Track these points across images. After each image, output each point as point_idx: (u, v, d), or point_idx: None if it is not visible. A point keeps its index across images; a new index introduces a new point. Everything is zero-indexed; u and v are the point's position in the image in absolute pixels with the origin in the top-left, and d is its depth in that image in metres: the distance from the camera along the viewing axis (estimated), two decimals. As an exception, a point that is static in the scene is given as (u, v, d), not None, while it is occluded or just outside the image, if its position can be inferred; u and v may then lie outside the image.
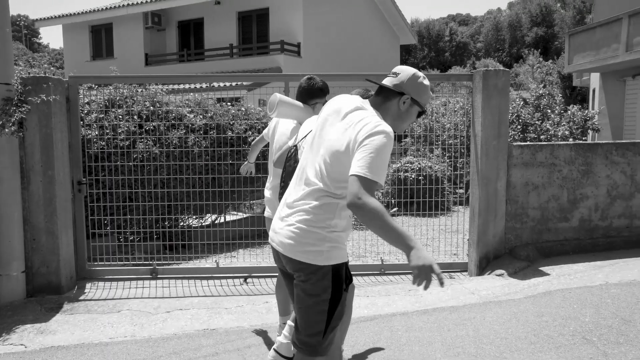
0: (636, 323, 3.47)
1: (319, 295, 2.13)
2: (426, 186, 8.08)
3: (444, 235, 6.58)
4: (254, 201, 8.42)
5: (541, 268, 4.85)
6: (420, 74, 2.24)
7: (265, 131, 3.51)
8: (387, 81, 2.23)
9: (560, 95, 21.63)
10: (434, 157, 10.33)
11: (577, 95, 30.69)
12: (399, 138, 13.31)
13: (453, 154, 8.68)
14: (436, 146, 10.71)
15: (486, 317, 3.72)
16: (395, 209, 9.06)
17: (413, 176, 9.30)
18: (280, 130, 3.25)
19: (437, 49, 62.80)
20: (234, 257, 5.76)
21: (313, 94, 3.18)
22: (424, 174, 9.28)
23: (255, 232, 6.60)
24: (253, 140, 7.31)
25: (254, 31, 17.38)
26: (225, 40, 17.36)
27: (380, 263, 5.36)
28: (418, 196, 8.24)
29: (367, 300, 4.25)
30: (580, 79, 20.83)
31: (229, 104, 6.95)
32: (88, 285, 4.70)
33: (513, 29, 62.93)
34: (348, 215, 2.17)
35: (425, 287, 1.86)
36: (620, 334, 3.31)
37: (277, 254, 2.27)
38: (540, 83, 21.75)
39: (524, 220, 5.19)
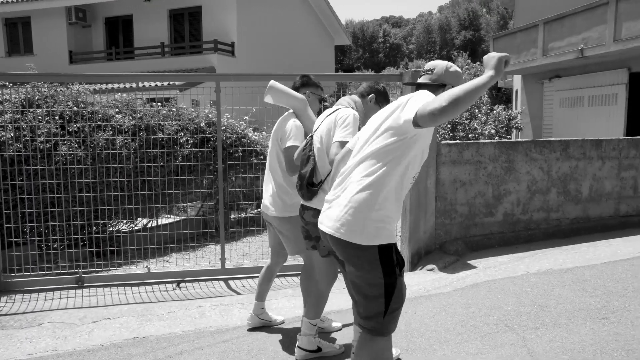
0: (551, 309, 3.69)
1: (371, 276, 2.19)
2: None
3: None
4: (187, 204, 8.23)
5: (469, 261, 5.05)
6: (451, 63, 2.47)
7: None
8: (426, 79, 2.44)
9: (487, 95, 22.63)
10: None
11: (502, 96, 32.21)
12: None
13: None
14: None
15: (417, 312, 3.82)
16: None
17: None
18: (275, 130, 3.46)
19: (371, 50, 64.01)
20: (167, 261, 5.61)
21: (305, 84, 3.46)
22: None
23: (188, 235, 6.46)
24: (185, 141, 7.15)
25: (186, 30, 17.01)
26: (156, 38, 16.88)
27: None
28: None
29: (301, 299, 4.24)
30: (505, 81, 21.88)
31: (159, 104, 6.76)
32: (3, 299, 4.40)
33: (443, 31, 65.19)
34: (396, 196, 2.22)
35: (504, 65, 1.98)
36: (538, 320, 3.50)
37: (327, 239, 2.34)
38: (468, 84, 22.63)
39: (453, 217, 5.39)
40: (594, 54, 11.75)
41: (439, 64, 2.47)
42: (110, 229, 6.38)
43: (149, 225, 6.71)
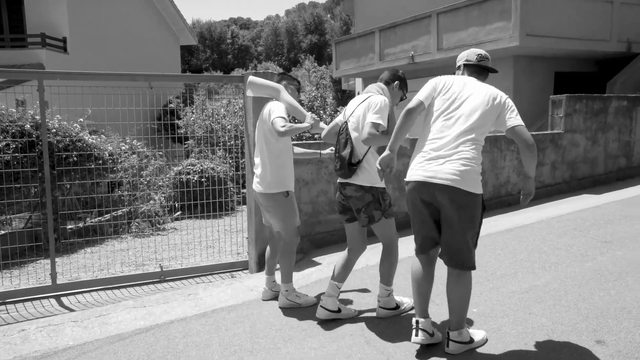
0: (388, 298, 3.97)
1: (478, 217, 2.89)
2: (209, 187, 8.04)
3: (229, 236, 6.64)
4: (12, 215, 7.35)
5: (314, 258, 5.22)
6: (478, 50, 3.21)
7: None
8: (487, 64, 3.16)
9: (332, 97, 23.63)
10: (217, 159, 10.35)
11: (347, 98, 34.00)
12: (184, 140, 13.00)
13: (234, 154, 8.82)
14: (219, 147, 10.76)
15: (263, 312, 3.84)
16: (179, 213, 8.83)
17: (195, 178, 9.18)
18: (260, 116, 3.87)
19: (219, 51, 63.11)
20: (-17, 283, 4.93)
21: (281, 79, 4.02)
22: (207, 175, 9.23)
23: (17, 250, 5.75)
24: (6, 145, 6.35)
25: (4, 20, 15.08)
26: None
27: (160, 270, 5.16)
28: (201, 198, 8.16)
29: (144, 310, 4.03)
30: (348, 83, 23.11)
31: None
32: None
33: (290, 35, 66.67)
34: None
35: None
36: (375, 309, 3.74)
37: (429, 192, 2.89)
38: (315, 86, 23.49)
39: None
40: (423, 60, 12.94)
41: (487, 54, 3.17)
42: None
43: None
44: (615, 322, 3.27)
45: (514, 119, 2.87)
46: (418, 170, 2.95)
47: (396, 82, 3.62)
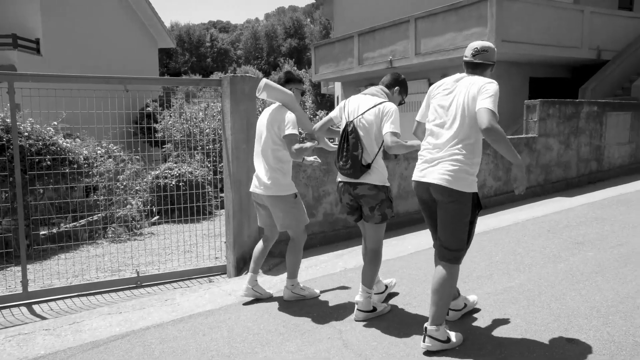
0: (365, 301, 3.99)
1: (466, 215, 3.03)
2: (187, 192, 7.98)
3: (207, 240, 6.59)
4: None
5: (292, 262, 5.21)
6: (489, 44, 3.20)
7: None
8: (481, 59, 3.14)
9: (311, 101, 23.64)
10: (195, 162, 10.28)
11: (326, 102, 34.13)
12: (160, 144, 12.88)
13: (213, 158, 8.76)
14: (197, 151, 10.68)
15: (241, 316, 3.83)
16: (156, 217, 8.74)
17: (173, 182, 9.09)
18: (264, 123, 3.91)
19: (198, 54, 62.75)
20: (-47, 290, 4.81)
21: (289, 81, 4.00)
22: (185, 179, 9.16)
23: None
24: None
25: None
26: None
27: (137, 275, 5.10)
28: (179, 202, 8.09)
29: (119, 317, 3.97)
30: (327, 87, 23.16)
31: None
32: None
33: (270, 38, 66.59)
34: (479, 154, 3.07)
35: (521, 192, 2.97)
36: (352, 312, 3.75)
37: (425, 190, 3.13)
38: (294, 90, 23.50)
39: (276, 219, 5.51)
40: (401, 65, 13.05)
41: (491, 45, 3.16)
42: None
43: None
44: (585, 321, 3.34)
45: (480, 101, 2.89)
46: (416, 171, 3.24)
47: (397, 87, 3.79)
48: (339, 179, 3.67)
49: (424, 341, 3.04)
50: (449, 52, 11.59)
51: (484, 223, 6.43)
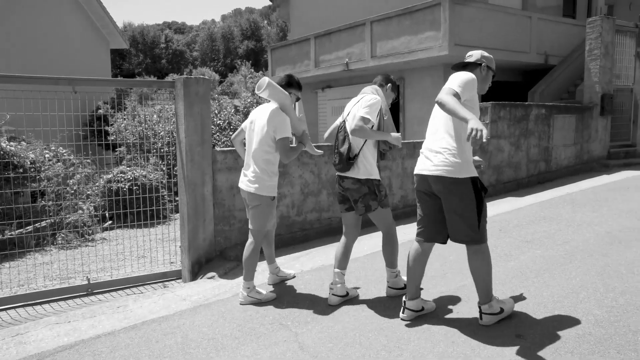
0: (321, 302, 4.00)
1: (469, 198, 3.25)
2: (141, 196, 7.79)
3: (162, 245, 6.45)
4: None
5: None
6: (484, 51, 3.59)
7: (243, 124, 4.30)
8: (468, 60, 3.54)
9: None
10: (150, 166, 10.05)
11: (284, 105, 33.96)
12: (115, 147, 12.52)
13: (168, 161, 8.59)
14: (152, 154, 10.45)
15: (195, 322, 3.76)
16: (109, 223, 8.49)
17: (127, 186, 8.86)
18: (259, 122, 4.03)
19: (153, 55, 61.49)
20: None
21: (289, 85, 4.14)
22: (139, 183, 8.93)
23: None
24: None
25: None
26: None
27: (87, 283, 4.94)
28: (133, 207, 7.89)
29: (68, 326, 3.83)
30: (285, 90, 22.98)
31: None
32: None
33: (226, 40, 65.96)
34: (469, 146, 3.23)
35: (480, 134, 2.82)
36: (309, 314, 3.76)
37: (426, 183, 3.37)
38: (252, 92, 23.34)
39: (232, 222, 5.46)
40: (357, 67, 13.18)
41: (475, 52, 3.57)
42: None
43: None
44: (533, 317, 3.45)
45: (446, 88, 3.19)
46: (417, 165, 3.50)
47: (389, 84, 4.03)
48: (336, 172, 3.98)
49: (480, 319, 3.35)
50: (404, 55, 11.78)
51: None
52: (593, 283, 4.02)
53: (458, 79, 3.22)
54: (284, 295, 4.21)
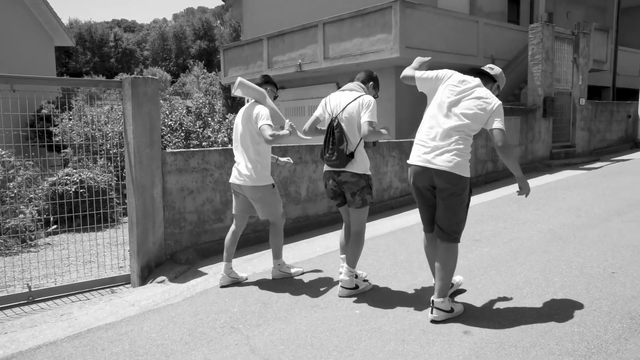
0: (272, 304, 3.98)
1: (466, 196, 3.47)
2: (87, 199, 7.53)
3: (110, 249, 6.26)
4: None
5: (200, 269, 5.10)
6: (503, 71, 3.81)
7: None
8: (488, 70, 3.72)
9: (221, 104, 23.30)
10: (98, 168, 9.73)
11: (237, 105, 33.71)
12: (57, 148, 12.06)
13: (116, 163, 8.35)
14: (100, 156, 10.13)
15: (144, 328, 3.67)
16: (54, 227, 8.16)
17: (73, 189, 8.55)
18: (242, 118, 4.32)
19: (101, 54, 59.61)
20: None
21: (266, 82, 4.48)
22: (86, 185, 8.64)
23: None
24: None
25: None
26: None
27: (28, 290, 4.73)
28: (80, 210, 7.62)
29: (4, 337, 3.66)
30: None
31: None
32: None
33: (178, 40, 64.77)
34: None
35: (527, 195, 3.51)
36: (261, 317, 3.73)
37: (426, 177, 3.48)
38: (205, 93, 23.02)
39: (182, 225, 5.36)
40: (310, 69, 13.22)
41: (496, 68, 3.72)
42: None
43: None
44: (480, 313, 3.56)
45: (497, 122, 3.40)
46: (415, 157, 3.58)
47: (371, 82, 4.16)
48: (326, 168, 4.05)
49: (431, 312, 3.45)
50: (356, 57, 11.91)
51: (390, 223, 6.67)
52: (536, 279, 4.18)
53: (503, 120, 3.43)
54: (236, 298, 4.16)
